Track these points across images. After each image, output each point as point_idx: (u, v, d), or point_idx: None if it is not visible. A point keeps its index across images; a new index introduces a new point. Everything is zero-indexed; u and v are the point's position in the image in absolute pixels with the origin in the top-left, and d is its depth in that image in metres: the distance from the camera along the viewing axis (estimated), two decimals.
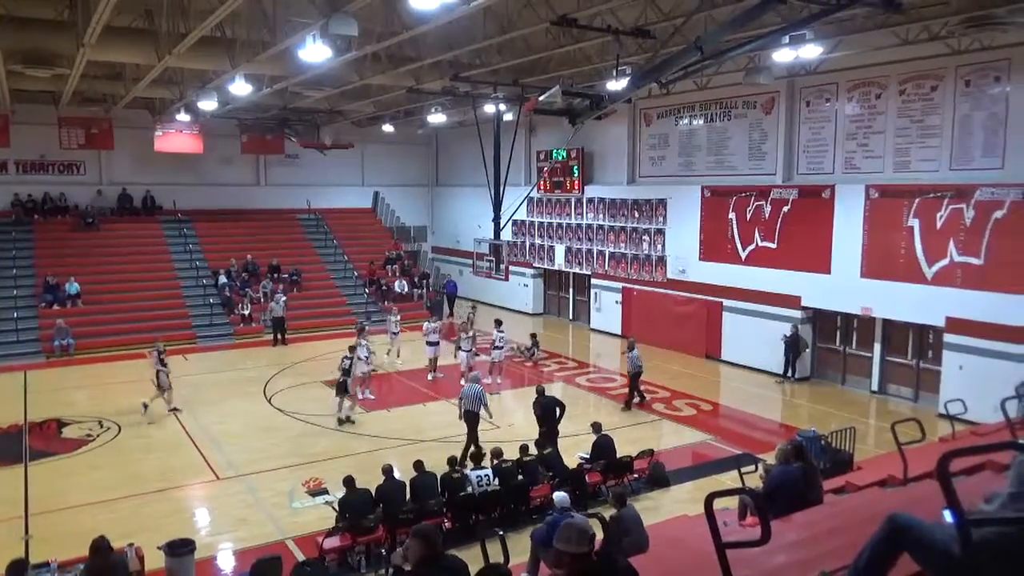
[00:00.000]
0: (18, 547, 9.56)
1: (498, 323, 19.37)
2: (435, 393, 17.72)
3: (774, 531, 3.68)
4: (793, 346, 18.56)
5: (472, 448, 12.41)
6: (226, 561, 9.73)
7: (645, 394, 16.86)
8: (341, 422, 15.30)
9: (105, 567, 7.54)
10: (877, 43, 15.50)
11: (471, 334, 18.46)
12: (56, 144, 25.78)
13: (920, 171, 16.44)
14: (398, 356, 20.67)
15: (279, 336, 23.11)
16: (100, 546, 7.52)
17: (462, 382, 17.59)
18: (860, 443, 12.65)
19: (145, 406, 15.73)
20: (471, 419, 13.16)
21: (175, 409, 16.12)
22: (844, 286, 17.65)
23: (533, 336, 21.70)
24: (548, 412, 12.79)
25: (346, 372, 15.59)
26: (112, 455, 13.64)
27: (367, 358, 16.51)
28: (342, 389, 15.56)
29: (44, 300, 23.32)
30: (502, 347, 18.69)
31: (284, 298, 24.03)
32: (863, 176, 17.46)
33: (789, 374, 18.76)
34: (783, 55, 15.11)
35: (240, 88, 16.71)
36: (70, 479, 12.49)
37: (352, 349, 16.11)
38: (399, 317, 21.72)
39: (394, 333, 21.02)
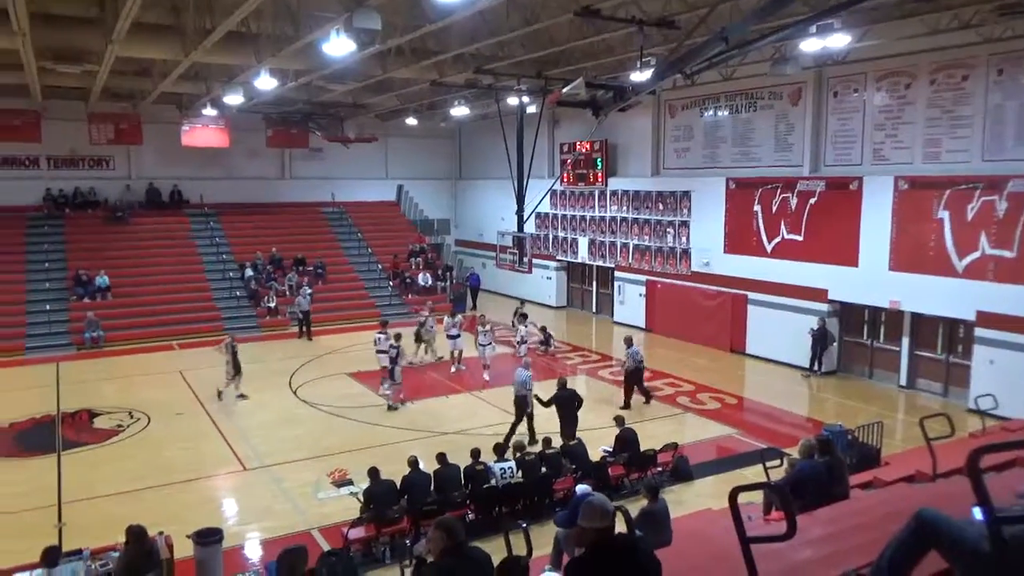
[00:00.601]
0: (51, 535, 9.77)
1: (524, 317, 19.35)
2: (458, 386, 17.78)
3: (799, 526, 3.66)
4: (820, 340, 18.37)
5: (509, 435, 12.56)
6: (253, 550, 9.87)
7: (651, 392, 16.39)
8: (391, 408, 15.83)
9: (142, 553, 7.69)
10: (906, 32, 15.23)
11: (488, 328, 18.39)
12: (86, 140, 26.20)
13: (951, 162, 16.15)
14: (428, 352, 20.17)
15: (304, 329, 23.32)
16: (139, 533, 7.67)
17: (485, 376, 17.71)
18: (888, 438, 12.50)
19: (220, 393, 16.57)
20: (520, 404, 13.57)
21: (242, 395, 16.73)
22: (872, 279, 17.42)
23: (543, 329, 21.52)
24: (566, 405, 12.84)
25: (393, 360, 16.19)
26: (142, 445, 13.88)
27: (394, 352, 16.66)
28: (391, 376, 16.15)
29: (75, 293, 23.76)
30: (526, 341, 18.74)
31: (310, 292, 24.24)
32: (892, 167, 17.19)
33: (815, 368, 18.58)
34: (810, 45, 14.88)
35: (265, 82, 16.85)
36: (101, 469, 12.72)
37: (398, 337, 16.60)
38: (430, 315, 20.52)
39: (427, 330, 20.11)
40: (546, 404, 13.19)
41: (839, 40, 14.75)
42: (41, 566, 7.59)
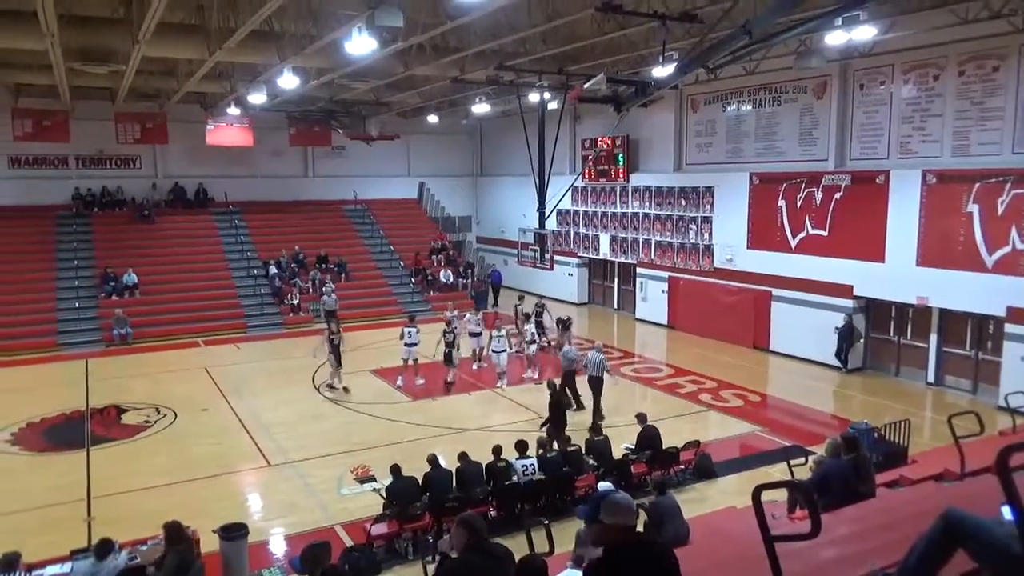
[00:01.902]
0: (81, 528, 9.95)
1: (528, 316, 19.22)
2: (480, 383, 17.82)
3: (824, 525, 3.62)
4: (847, 336, 18.17)
5: (595, 415, 12.88)
6: (277, 545, 9.98)
7: (580, 401, 15.41)
8: (448, 384, 17.01)
9: (188, 549, 7.79)
10: (934, 23, 14.98)
11: (503, 332, 17.72)
12: (113, 139, 26.56)
13: (981, 155, 15.87)
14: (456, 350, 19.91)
15: (331, 327, 22.98)
16: (182, 530, 7.75)
17: (500, 385, 17.41)
18: (915, 436, 12.36)
19: (346, 389, 16.96)
20: (595, 384, 14.24)
21: (344, 388, 17.03)
22: (899, 275, 17.19)
23: (560, 321, 20.43)
24: (557, 409, 12.94)
25: (449, 344, 17.17)
26: (169, 441, 14.09)
27: (451, 336, 17.45)
28: (448, 360, 17.18)
29: (104, 291, 24.15)
30: (536, 341, 18.55)
31: (330, 287, 24.31)
32: (919, 161, 16.93)
33: (842, 365, 18.38)
34: (835, 37, 14.70)
35: (288, 81, 16.99)
36: (129, 464, 12.93)
37: (449, 323, 17.52)
38: (456, 312, 19.82)
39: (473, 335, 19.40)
40: (554, 393, 13.24)
41: (865, 32, 14.55)
42: (91, 556, 7.72)
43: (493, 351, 17.74)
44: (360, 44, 11.99)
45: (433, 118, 28.90)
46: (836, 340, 18.37)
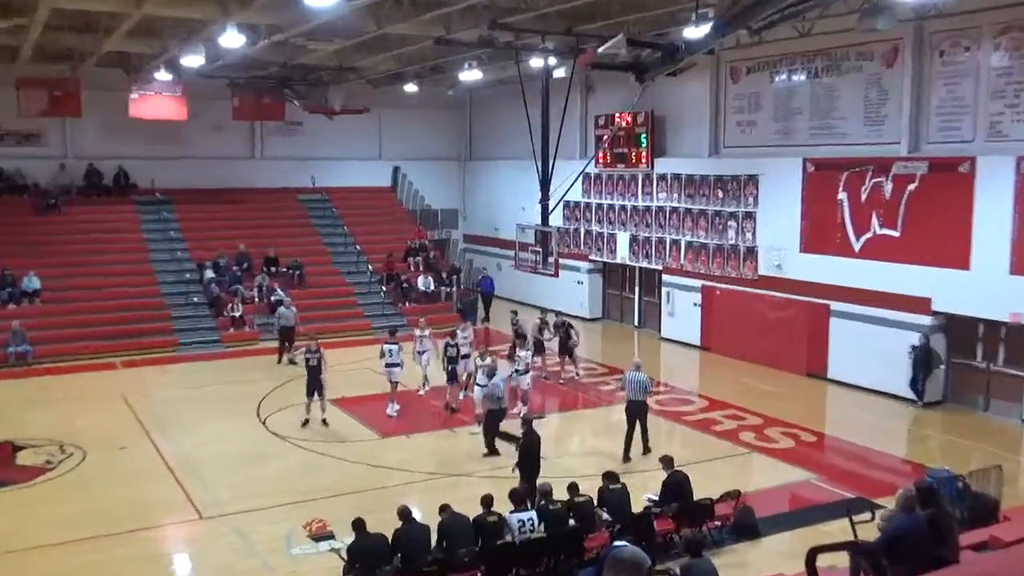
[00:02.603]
0: None
1: (564, 331, 19.16)
2: (466, 417, 17.76)
3: None
4: (924, 361, 18.16)
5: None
6: None
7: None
8: (448, 408, 17.66)
9: None
10: None
11: (488, 361, 16.65)
12: (13, 110, 26.48)
13: None
14: (426, 383, 19.53)
15: (287, 347, 22.59)
16: None
17: (475, 428, 17.17)
18: (1008, 486, 12.35)
19: (305, 422, 16.94)
20: (636, 411, 14.78)
21: (304, 421, 17.04)
22: (988, 286, 17.19)
23: (563, 325, 20.36)
24: (529, 454, 12.70)
25: (453, 360, 17.77)
26: (76, 487, 13.95)
27: (453, 351, 17.93)
28: (452, 377, 17.80)
29: None
30: (529, 371, 18.17)
31: (288, 300, 23.83)
32: (1014, 145, 16.97)
33: (916, 397, 18.36)
34: None
35: (232, 40, 16.99)
36: (26, 515, 12.78)
37: (453, 335, 18.21)
38: (429, 333, 19.73)
39: (420, 352, 19.45)
40: (517, 443, 13.09)
41: None
42: None
43: (478, 384, 16.88)
44: None
45: (411, 88, 28.92)
46: (910, 366, 18.35)
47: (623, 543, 8.49)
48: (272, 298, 25.22)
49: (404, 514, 10.25)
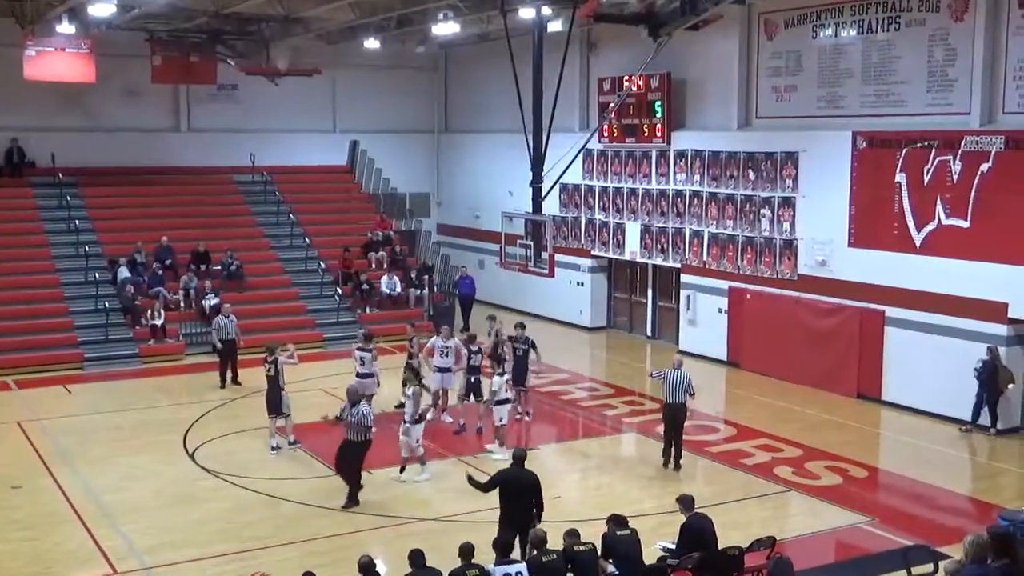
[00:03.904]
0: None
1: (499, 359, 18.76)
2: (441, 447, 17.76)
3: None
4: (990, 380, 18.28)
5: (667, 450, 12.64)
6: None
7: None
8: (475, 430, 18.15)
9: None
10: None
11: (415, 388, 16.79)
12: None
13: None
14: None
15: (229, 366, 22.42)
16: None
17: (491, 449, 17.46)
18: None
19: (274, 448, 17.45)
20: (675, 414, 15.53)
21: (274, 448, 17.49)
22: None
23: (524, 341, 19.39)
24: (520, 495, 12.53)
25: (475, 370, 18.29)
26: None
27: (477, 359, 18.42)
28: (474, 393, 18.31)
29: None
30: (507, 399, 17.75)
31: (228, 307, 23.55)
32: None
33: (983, 422, 18.49)
34: None
35: None
36: None
37: (472, 339, 18.96)
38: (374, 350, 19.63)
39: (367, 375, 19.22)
40: (484, 488, 12.93)
41: None
42: None
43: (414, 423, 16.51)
44: None
45: (373, 43, 28.87)
46: (977, 386, 18.46)
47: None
48: (204, 302, 25.16)
49: (366, 567, 10.26)
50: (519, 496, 12.52)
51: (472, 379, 18.64)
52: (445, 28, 25.09)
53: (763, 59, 23.53)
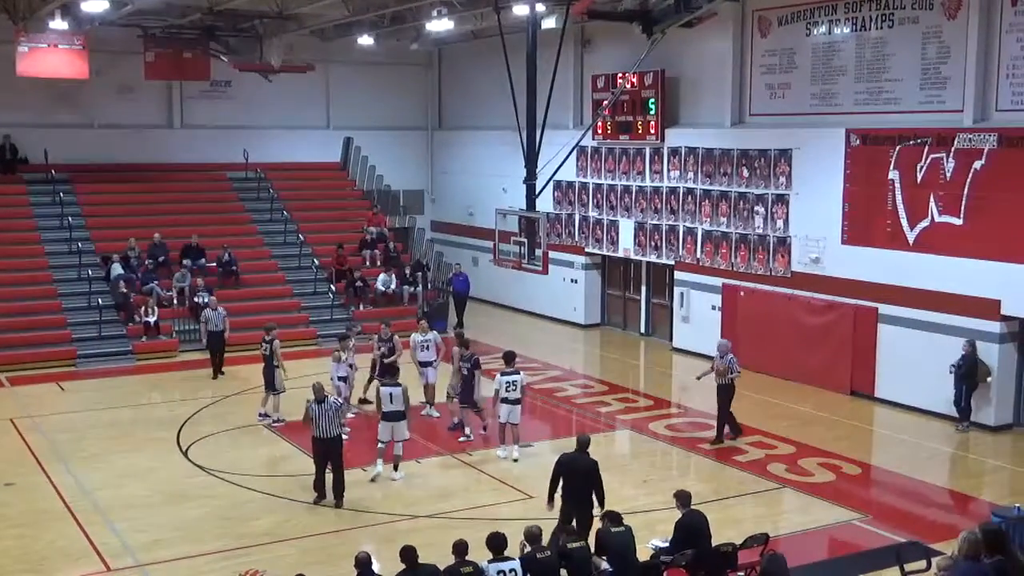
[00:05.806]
0: None
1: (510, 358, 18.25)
2: (433, 443, 17.75)
3: None
4: (969, 375, 18.36)
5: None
6: None
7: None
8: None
9: None
10: None
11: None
12: None
13: None
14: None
15: (218, 361, 22.70)
16: None
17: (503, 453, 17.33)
18: None
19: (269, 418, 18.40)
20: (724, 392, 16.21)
21: (279, 420, 18.54)
22: None
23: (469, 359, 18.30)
24: (577, 481, 12.71)
25: (476, 366, 17.61)
26: None
27: (344, 379, 17.94)
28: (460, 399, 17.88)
29: None
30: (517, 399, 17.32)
31: (214, 300, 23.63)
32: None
33: (975, 419, 18.60)
34: None
35: None
36: None
37: (466, 345, 18.24)
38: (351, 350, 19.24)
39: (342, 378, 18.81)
40: (551, 482, 12.99)
41: None
42: None
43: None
44: None
45: (367, 41, 28.86)
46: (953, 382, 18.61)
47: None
48: (195, 298, 25.14)
49: (363, 562, 10.27)
50: (575, 480, 12.77)
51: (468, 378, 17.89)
52: (439, 25, 25.07)
53: (757, 56, 23.55)
